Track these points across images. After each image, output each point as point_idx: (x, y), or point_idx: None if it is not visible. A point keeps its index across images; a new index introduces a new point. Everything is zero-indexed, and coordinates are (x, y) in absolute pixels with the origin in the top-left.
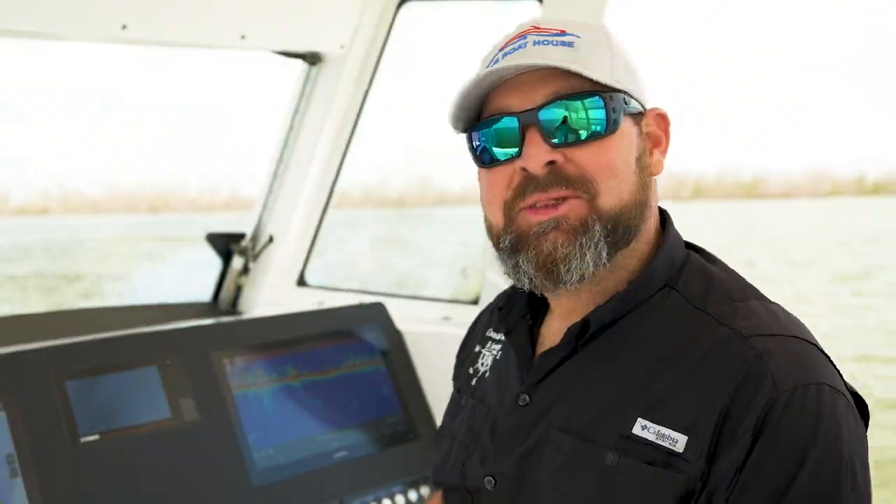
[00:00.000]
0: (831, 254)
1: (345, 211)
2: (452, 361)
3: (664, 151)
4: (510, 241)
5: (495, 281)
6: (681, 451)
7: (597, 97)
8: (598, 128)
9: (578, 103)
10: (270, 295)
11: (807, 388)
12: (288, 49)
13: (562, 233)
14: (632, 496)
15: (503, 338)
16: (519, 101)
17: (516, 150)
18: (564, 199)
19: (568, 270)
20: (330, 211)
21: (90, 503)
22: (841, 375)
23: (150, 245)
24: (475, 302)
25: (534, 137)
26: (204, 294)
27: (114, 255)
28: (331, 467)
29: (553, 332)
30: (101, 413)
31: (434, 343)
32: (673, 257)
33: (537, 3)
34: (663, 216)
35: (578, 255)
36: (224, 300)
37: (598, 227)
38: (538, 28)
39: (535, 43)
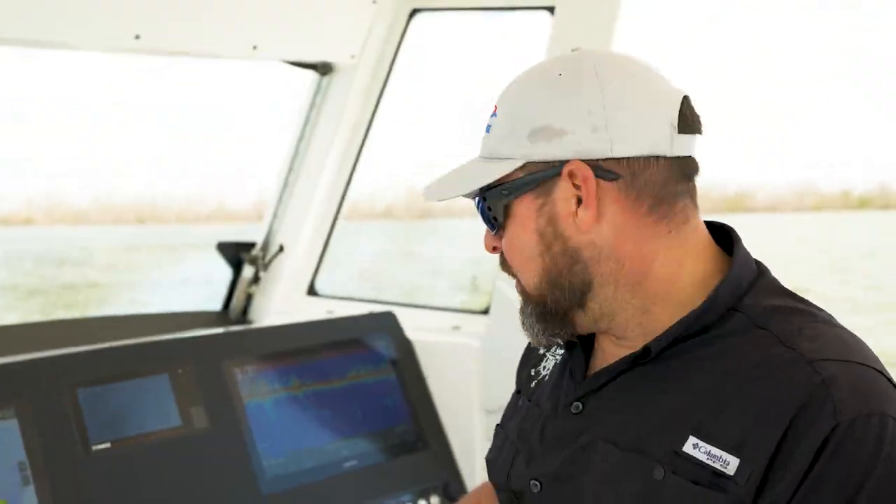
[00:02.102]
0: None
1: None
2: (462, 371)
3: (588, 205)
4: None
5: (506, 291)
6: (731, 473)
7: (479, 199)
8: (490, 224)
9: (477, 201)
10: (281, 304)
11: (869, 418)
12: (299, 59)
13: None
14: None
15: (563, 344)
16: None
17: None
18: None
19: (527, 336)
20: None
21: None
22: None
23: (157, 254)
24: (485, 312)
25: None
26: (214, 303)
27: (121, 264)
28: (340, 476)
29: (603, 347)
30: (113, 421)
31: (444, 352)
32: (740, 281)
33: (548, 14)
34: (729, 238)
35: (526, 328)
36: (234, 309)
37: (528, 307)
38: (495, 105)
39: (485, 129)
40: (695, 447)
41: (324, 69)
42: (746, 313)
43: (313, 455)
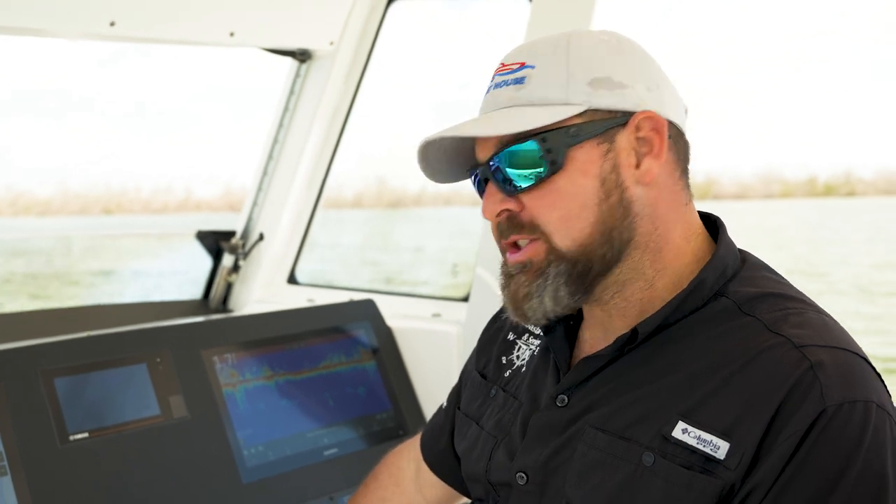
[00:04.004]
0: None
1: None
2: (442, 358)
3: (657, 155)
4: (500, 279)
5: (486, 278)
6: (722, 457)
7: (531, 141)
8: (540, 171)
9: (518, 149)
10: (261, 292)
11: (854, 404)
12: (277, 46)
13: (525, 274)
14: (662, 497)
15: (542, 334)
16: (483, 152)
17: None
18: (529, 241)
19: (530, 308)
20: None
21: (79, 501)
22: (888, 393)
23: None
24: (465, 299)
25: (490, 189)
26: (194, 292)
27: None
28: (321, 464)
29: (587, 338)
30: (91, 411)
31: (424, 340)
32: (725, 266)
33: (527, 1)
34: (715, 223)
35: (536, 296)
36: (214, 298)
37: (552, 269)
38: (504, 65)
39: (496, 86)
40: (684, 432)
41: (302, 56)
42: (733, 299)
43: (294, 443)
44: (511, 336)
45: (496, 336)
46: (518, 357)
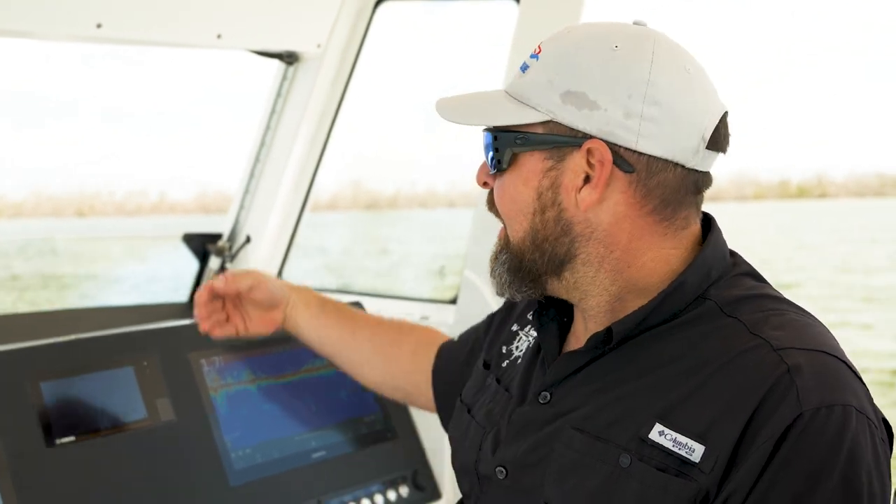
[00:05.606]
0: None
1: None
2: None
3: (595, 186)
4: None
5: (474, 280)
6: (697, 460)
7: (488, 133)
8: (492, 164)
9: (487, 136)
10: None
11: (832, 408)
12: (265, 48)
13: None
14: (638, 500)
15: (538, 328)
16: None
17: None
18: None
19: (492, 282)
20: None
21: None
22: (870, 397)
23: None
24: (453, 301)
25: (483, 160)
26: (181, 294)
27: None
28: (309, 467)
29: (576, 333)
30: (77, 415)
31: None
32: (709, 268)
33: (514, 3)
34: (709, 224)
35: (495, 273)
36: None
37: (502, 255)
38: (539, 45)
39: (520, 67)
40: (661, 434)
41: (289, 58)
42: (716, 301)
43: (281, 446)
44: (514, 326)
45: (505, 323)
46: (517, 348)
